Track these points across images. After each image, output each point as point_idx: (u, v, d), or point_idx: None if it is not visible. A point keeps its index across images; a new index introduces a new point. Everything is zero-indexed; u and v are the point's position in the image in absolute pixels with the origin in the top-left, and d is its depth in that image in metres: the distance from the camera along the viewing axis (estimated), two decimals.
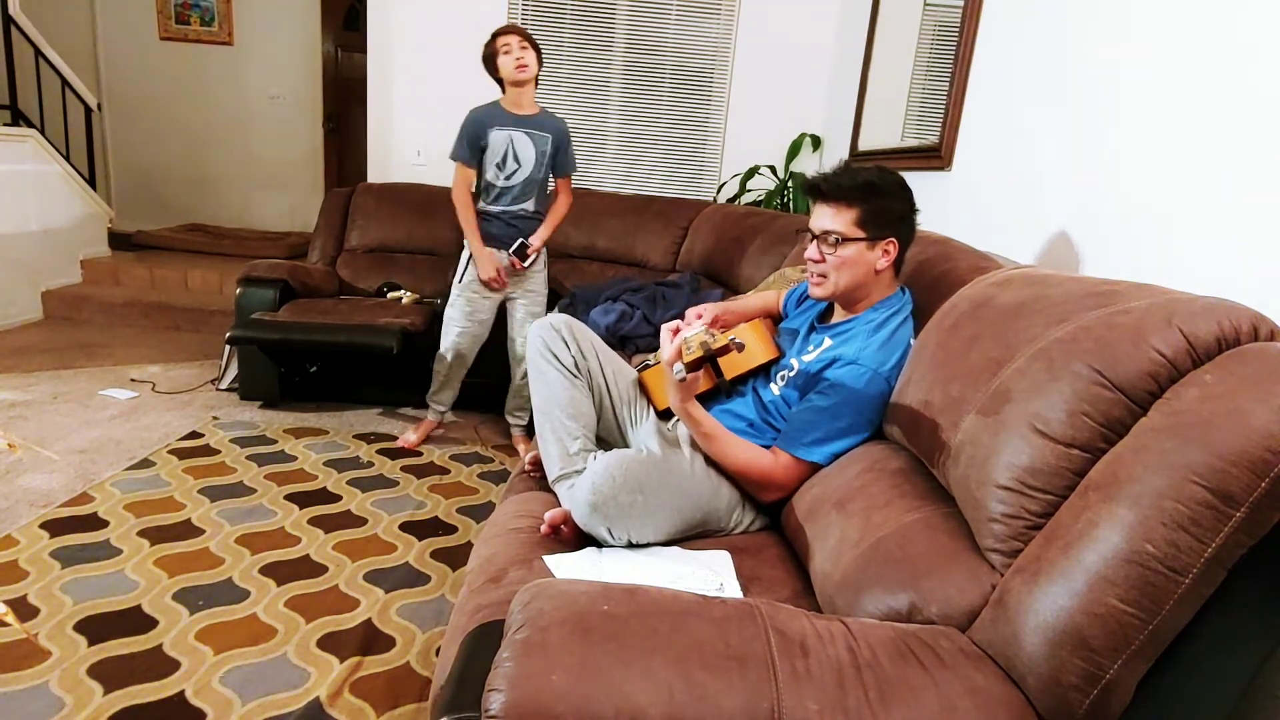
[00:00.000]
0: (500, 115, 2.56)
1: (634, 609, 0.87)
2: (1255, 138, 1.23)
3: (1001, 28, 2.14)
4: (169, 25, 5.57)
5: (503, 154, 2.56)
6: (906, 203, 1.46)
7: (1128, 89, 1.57)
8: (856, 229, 1.42)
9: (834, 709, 0.79)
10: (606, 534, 1.33)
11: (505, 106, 2.57)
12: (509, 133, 2.55)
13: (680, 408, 1.39)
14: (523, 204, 2.64)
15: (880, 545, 1.11)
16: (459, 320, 2.69)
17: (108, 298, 4.25)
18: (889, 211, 1.43)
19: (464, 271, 2.67)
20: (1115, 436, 0.89)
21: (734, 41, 3.76)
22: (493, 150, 2.56)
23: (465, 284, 2.67)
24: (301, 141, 5.84)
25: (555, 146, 2.63)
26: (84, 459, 2.48)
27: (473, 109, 2.59)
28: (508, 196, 2.61)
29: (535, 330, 1.61)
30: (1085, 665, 0.80)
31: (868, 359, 1.38)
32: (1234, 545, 0.77)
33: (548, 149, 2.61)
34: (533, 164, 2.60)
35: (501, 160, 2.57)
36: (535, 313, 2.73)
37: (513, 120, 2.55)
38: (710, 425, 1.43)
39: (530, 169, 2.60)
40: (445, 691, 0.93)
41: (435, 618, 1.79)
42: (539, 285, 2.75)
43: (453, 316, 2.70)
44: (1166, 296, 0.95)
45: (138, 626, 1.66)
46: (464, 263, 2.68)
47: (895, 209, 1.44)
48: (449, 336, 2.71)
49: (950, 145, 2.34)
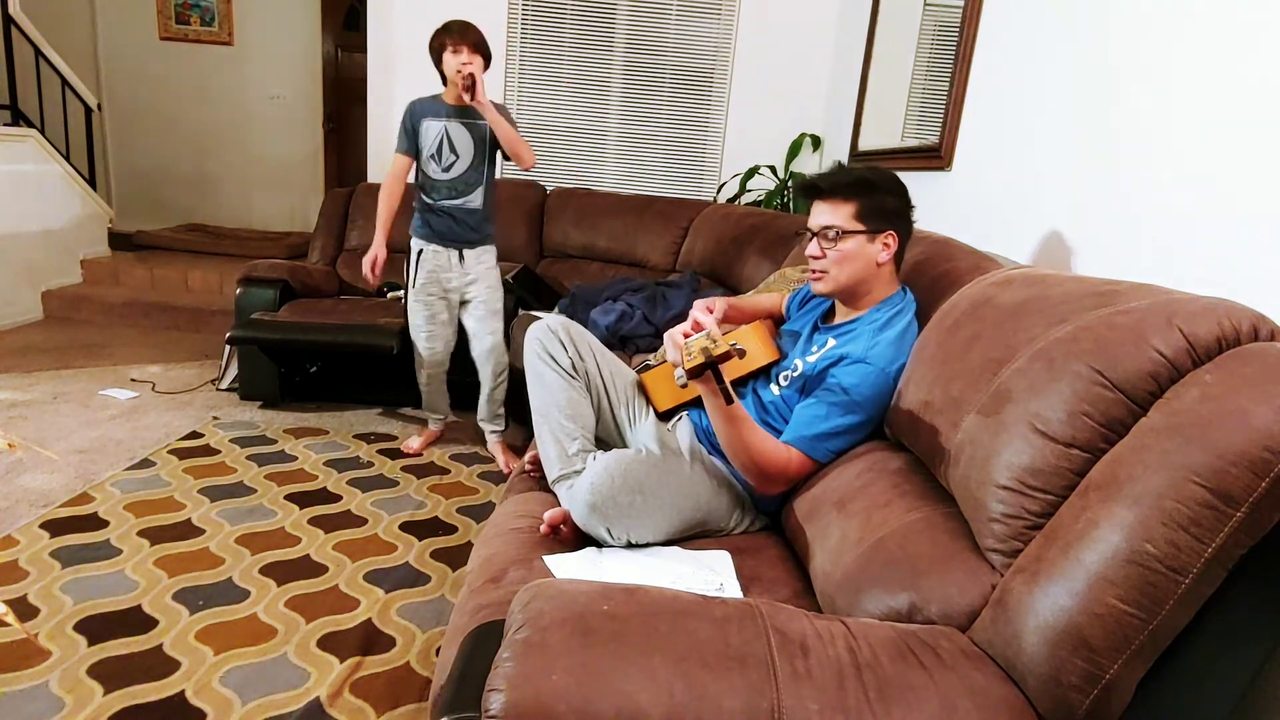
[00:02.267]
0: (436, 106, 2.48)
1: (634, 609, 0.87)
2: (1256, 137, 1.23)
3: (1001, 28, 2.14)
4: (169, 25, 5.57)
5: (436, 144, 2.47)
6: (902, 198, 1.47)
7: (1128, 89, 1.57)
8: (855, 222, 1.43)
9: (834, 709, 0.79)
10: (606, 534, 1.32)
11: (445, 98, 2.49)
12: (443, 123, 2.46)
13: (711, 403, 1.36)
14: (466, 198, 2.53)
15: (880, 545, 1.11)
16: (423, 326, 2.61)
17: (108, 298, 4.25)
18: (886, 205, 1.44)
19: (414, 275, 2.59)
20: (1115, 436, 0.89)
21: (734, 41, 3.76)
22: (426, 141, 2.47)
23: (419, 288, 2.58)
24: (301, 141, 5.84)
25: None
26: (84, 459, 2.48)
27: (412, 100, 2.52)
28: (450, 190, 2.51)
29: (532, 333, 1.61)
30: (1085, 665, 0.80)
31: (876, 357, 1.37)
32: (1234, 545, 0.77)
33: (487, 135, 2.48)
34: (472, 154, 2.49)
35: (436, 151, 2.47)
36: (495, 308, 2.64)
37: (449, 111, 2.46)
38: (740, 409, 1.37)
39: (470, 159, 2.50)
40: (445, 691, 0.93)
41: (435, 618, 1.79)
42: (492, 279, 2.63)
43: (416, 324, 2.62)
44: (1167, 296, 0.95)
45: (138, 626, 1.66)
46: (413, 263, 2.58)
47: (891, 203, 1.45)
48: (419, 345, 2.64)
49: (950, 145, 2.34)
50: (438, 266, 2.58)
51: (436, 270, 2.58)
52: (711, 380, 1.27)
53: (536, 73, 3.84)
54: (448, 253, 2.57)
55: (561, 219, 3.62)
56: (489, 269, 2.64)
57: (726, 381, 1.27)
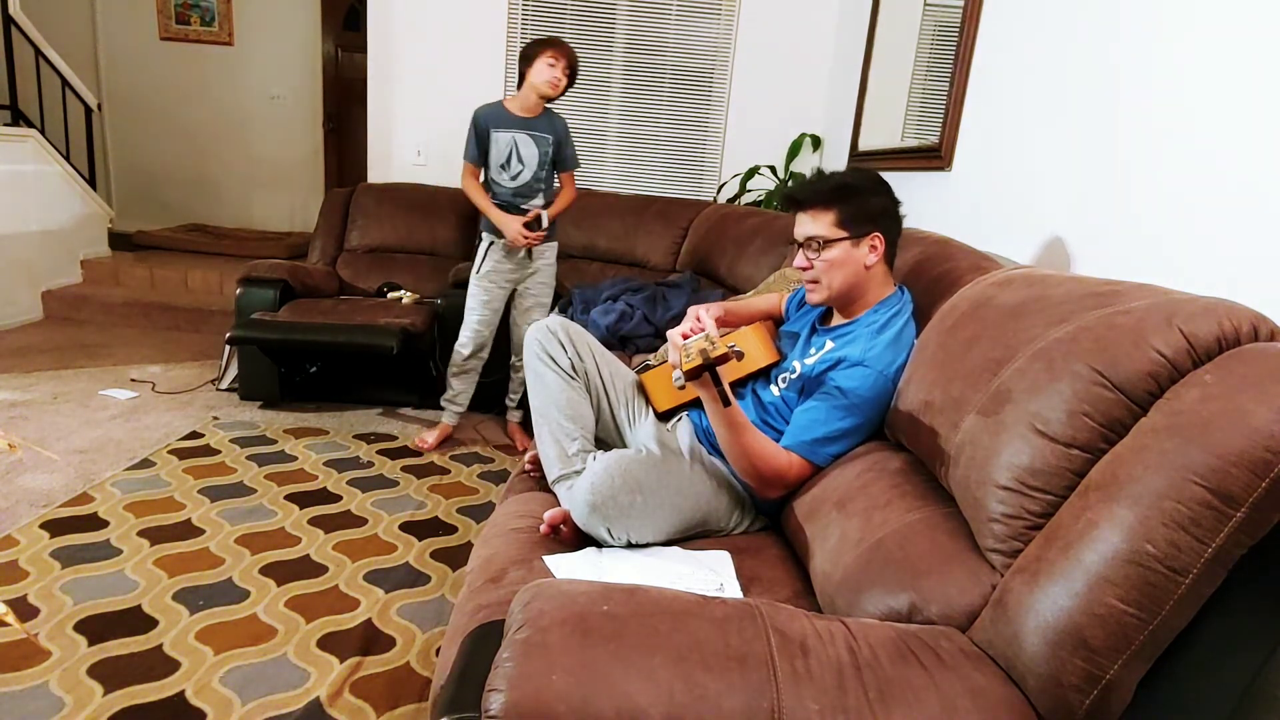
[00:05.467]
0: (504, 117, 2.62)
1: (634, 609, 0.87)
2: (1256, 137, 1.23)
3: (1001, 28, 2.14)
4: (169, 25, 5.57)
5: (506, 155, 2.63)
6: (885, 197, 1.46)
7: (1128, 89, 1.57)
8: (837, 229, 1.43)
9: (834, 709, 0.79)
10: (606, 534, 1.32)
11: (509, 107, 2.62)
12: (512, 135, 2.61)
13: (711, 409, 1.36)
14: (531, 201, 2.69)
15: (880, 545, 1.11)
16: (478, 309, 2.75)
17: (108, 298, 4.25)
18: (867, 208, 1.44)
19: (481, 262, 2.73)
20: (1115, 437, 0.89)
21: (734, 41, 3.76)
22: (496, 152, 2.63)
23: (484, 274, 2.72)
24: (301, 141, 5.84)
25: (557, 145, 2.68)
26: (84, 459, 2.48)
27: (478, 109, 2.64)
28: (515, 195, 2.67)
29: (532, 334, 1.61)
30: (1085, 665, 0.80)
31: (874, 360, 1.37)
32: (1234, 545, 0.77)
33: (550, 149, 2.67)
34: (535, 163, 2.66)
35: (505, 161, 2.63)
36: (543, 302, 2.81)
37: (516, 122, 2.61)
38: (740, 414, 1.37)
39: (534, 169, 2.66)
40: (445, 691, 0.93)
41: (435, 618, 1.79)
42: (548, 275, 2.81)
43: (472, 306, 2.76)
44: (1167, 296, 0.95)
45: (138, 626, 1.66)
46: (481, 253, 2.73)
47: (873, 205, 1.45)
48: (469, 327, 2.76)
49: (950, 145, 2.34)
50: (504, 258, 2.72)
51: (503, 261, 2.72)
52: (709, 383, 1.27)
53: None
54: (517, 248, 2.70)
55: (562, 219, 3.60)
56: (548, 264, 2.81)
57: (725, 384, 1.26)
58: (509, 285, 2.77)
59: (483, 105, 2.65)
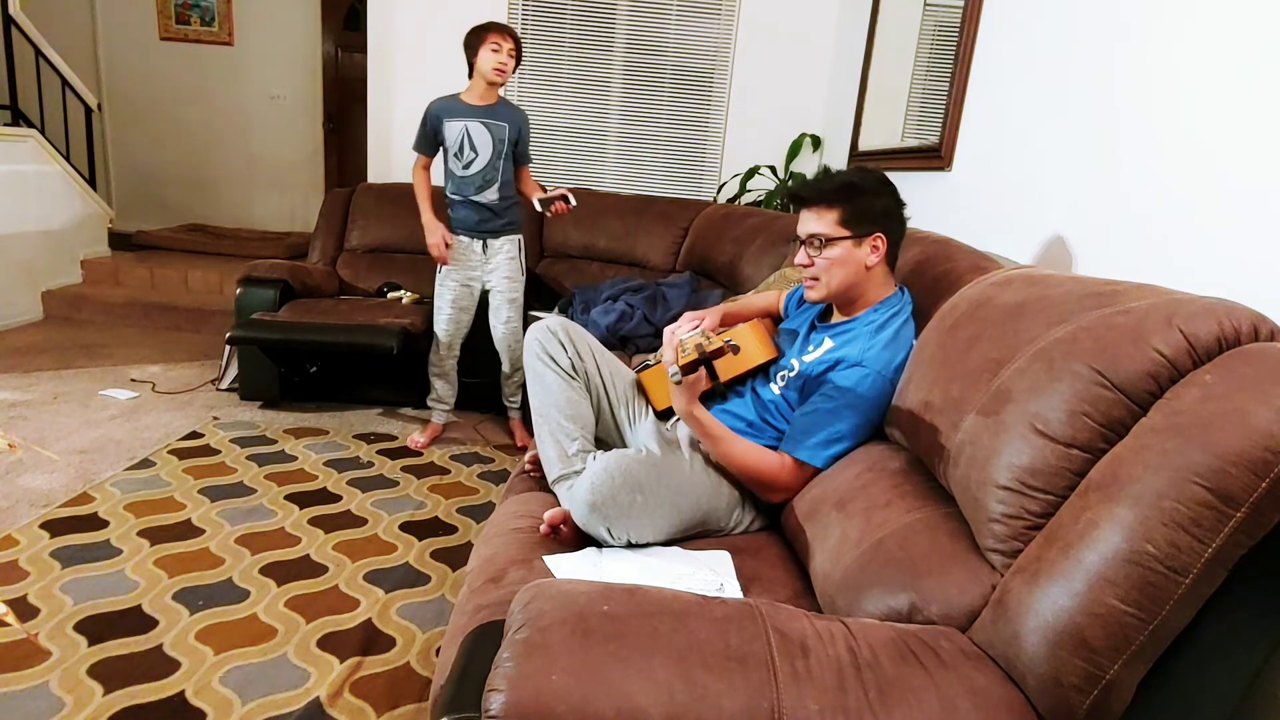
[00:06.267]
0: (457, 107, 2.62)
1: (634, 609, 0.87)
2: (1257, 137, 1.23)
3: (1001, 28, 2.14)
4: (169, 25, 5.57)
5: (459, 144, 2.62)
6: (889, 198, 1.46)
7: (1128, 89, 1.57)
8: (840, 228, 1.43)
9: (834, 709, 0.79)
10: (606, 534, 1.32)
11: (464, 98, 2.63)
12: (464, 123, 2.60)
13: (685, 411, 1.39)
14: (485, 193, 2.66)
15: (881, 545, 1.11)
16: (444, 309, 2.76)
17: (108, 298, 4.25)
18: (871, 208, 1.44)
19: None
20: (1115, 437, 0.89)
21: (734, 42, 3.76)
22: (449, 141, 2.62)
23: (444, 273, 2.74)
24: (301, 142, 5.84)
25: (514, 135, 2.66)
26: (84, 459, 2.48)
27: (432, 101, 2.65)
28: (469, 186, 2.66)
29: (532, 334, 1.62)
30: (1085, 665, 0.80)
31: (872, 360, 1.37)
32: (1234, 545, 0.77)
33: (505, 136, 2.63)
34: (490, 152, 2.63)
35: (459, 150, 2.62)
36: (511, 298, 2.77)
37: (468, 111, 2.61)
38: (715, 428, 1.43)
39: (488, 156, 2.63)
40: (445, 691, 0.93)
41: (435, 618, 1.79)
42: (511, 270, 2.77)
43: (439, 305, 2.77)
44: (1167, 296, 0.95)
45: (138, 626, 1.66)
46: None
47: (877, 205, 1.45)
48: (439, 323, 2.78)
49: (950, 145, 2.34)
50: (462, 254, 2.72)
51: (462, 258, 2.72)
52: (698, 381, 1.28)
53: (536, 73, 3.84)
54: (471, 242, 2.72)
55: (561, 219, 3.61)
56: (509, 259, 2.77)
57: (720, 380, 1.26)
58: (473, 283, 2.76)
59: (437, 98, 2.65)
